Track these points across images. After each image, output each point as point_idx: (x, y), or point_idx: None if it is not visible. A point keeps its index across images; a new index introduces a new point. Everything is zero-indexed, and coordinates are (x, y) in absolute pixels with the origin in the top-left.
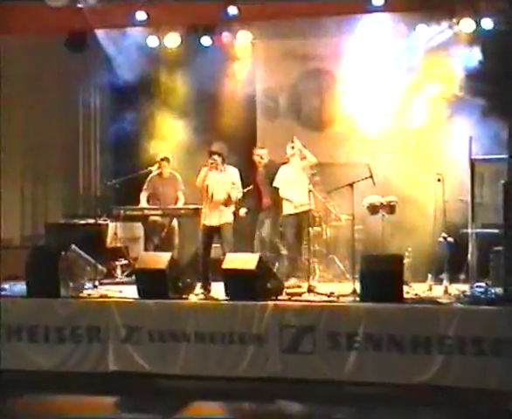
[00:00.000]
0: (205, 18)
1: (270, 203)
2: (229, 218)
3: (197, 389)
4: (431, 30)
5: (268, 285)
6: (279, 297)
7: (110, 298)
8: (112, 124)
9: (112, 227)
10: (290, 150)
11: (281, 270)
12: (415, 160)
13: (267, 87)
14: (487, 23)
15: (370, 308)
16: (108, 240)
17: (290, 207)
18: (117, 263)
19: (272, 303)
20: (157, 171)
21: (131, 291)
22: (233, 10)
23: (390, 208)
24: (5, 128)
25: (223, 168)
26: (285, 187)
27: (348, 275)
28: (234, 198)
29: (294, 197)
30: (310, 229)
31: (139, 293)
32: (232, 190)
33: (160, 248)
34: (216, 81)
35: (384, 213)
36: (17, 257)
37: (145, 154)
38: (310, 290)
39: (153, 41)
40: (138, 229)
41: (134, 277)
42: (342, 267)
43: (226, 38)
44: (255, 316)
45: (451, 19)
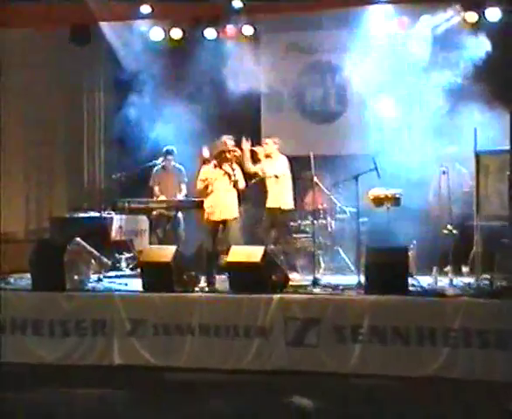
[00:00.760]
0: (209, 11)
1: None
2: (235, 213)
3: (202, 382)
4: (434, 19)
5: (273, 278)
6: (284, 289)
7: (115, 291)
8: (116, 117)
9: (116, 220)
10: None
11: None
12: (420, 151)
13: (272, 80)
14: (492, 12)
15: (375, 301)
16: (113, 233)
17: None
18: (122, 256)
19: (277, 296)
20: (162, 164)
21: (136, 284)
22: (238, 3)
23: (395, 200)
24: (9, 122)
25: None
26: None
27: (353, 267)
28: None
29: None
30: (315, 221)
31: (144, 286)
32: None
33: (165, 241)
34: (220, 74)
35: (389, 205)
36: (22, 250)
37: (150, 147)
38: (315, 282)
39: (157, 34)
40: (143, 222)
41: (138, 270)
42: (347, 259)
43: (230, 31)
44: (260, 309)
45: (454, 9)
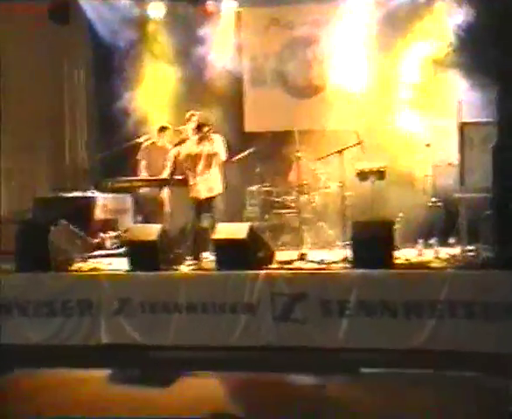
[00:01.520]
0: None
1: None
2: (219, 189)
3: (190, 360)
4: None
5: (259, 254)
6: (270, 265)
7: (101, 270)
8: (97, 96)
9: (100, 199)
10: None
11: None
12: (404, 124)
13: (253, 55)
14: None
15: (362, 275)
16: (97, 212)
17: None
18: (106, 235)
19: (263, 272)
20: (152, 140)
21: (121, 263)
22: None
23: (379, 174)
24: None
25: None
26: None
27: (338, 242)
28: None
29: None
30: (301, 196)
31: (130, 265)
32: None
33: (149, 219)
34: (201, 50)
35: (374, 179)
36: (4, 231)
37: (131, 125)
38: (301, 258)
39: (137, 10)
40: (127, 200)
41: (124, 249)
42: (333, 234)
43: (211, 6)
44: (246, 285)
45: None
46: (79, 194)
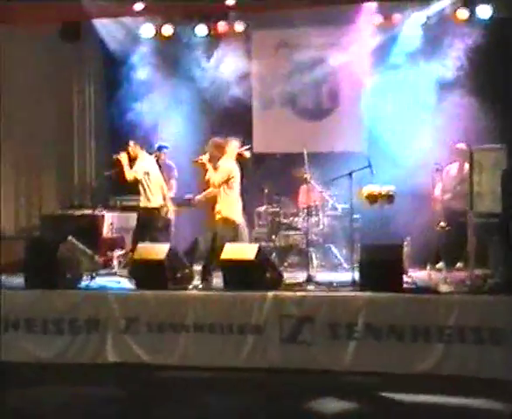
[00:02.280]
0: (201, 8)
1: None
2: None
3: (197, 380)
4: (425, 14)
5: (267, 275)
6: (277, 287)
7: (108, 289)
8: (107, 113)
9: (107, 217)
10: None
11: None
12: (413, 148)
13: (262, 77)
14: (483, 10)
15: (370, 298)
16: (105, 231)
17: None
18: (114, 253)
19: (271, 293)
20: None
21: (129, 282)
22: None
23: (388, 197)
24: None
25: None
26: None
27: (346, 264)
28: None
29: None
30: (309, 218)
31: (137, 284)
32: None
33: (156, 238)
34: (211, 71)
35: (383, 202)
36: (12, 248)
37: (141, 143)
38: (309, 279)
39: (148, 31)
40: (133, 219)
41: (132, 267)
42: (340, 257)
43: (222, 27)
44: (254, 306)
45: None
46: (87, 211)
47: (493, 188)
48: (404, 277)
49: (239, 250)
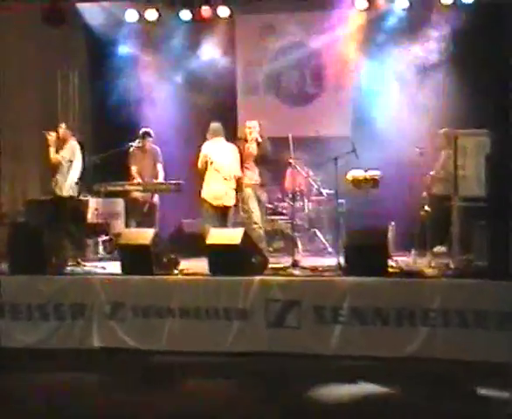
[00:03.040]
0: None
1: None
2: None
3: (183, 365)
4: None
5: (253, 260)
6: (263, 272)
7: (94, 274)
8: (91, 98)
9: (92, 203)
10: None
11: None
12: (398, 132)
13: (247, 62)
14: None
15: (355, 282)
16: (89, 216)
17: None
18: (99, 239)
19: (257, 278)
20: (138, 145)
21: (114, 267)
22: None
23: (373, 182)
24: None
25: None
26: None
27: (330, 249)
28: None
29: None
30: (292, 203)
31: (122, 269)
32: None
33: (141, 223)
34: (195, 56)
35: (368, 187)
36: None
37: (125, 129)
38: (295, 264)
39: (132, 15)
40: (119, 204)
41: (116, 253)
42: (325, 241)
43: (206, 12)
44: (240, 291)
45: None
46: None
47: (477, 172)
48: (388, 261)
49: (225, 234)
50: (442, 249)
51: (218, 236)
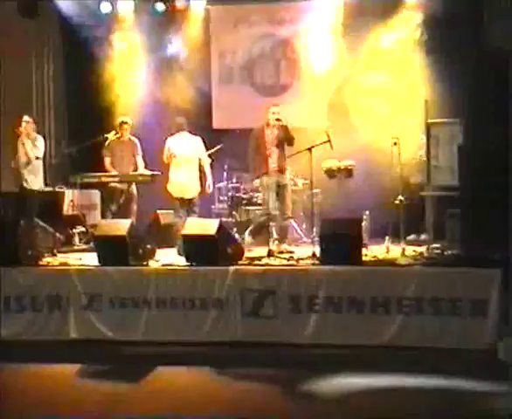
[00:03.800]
0: None
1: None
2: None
3: (159, 355)
4: None
5: (228, 250)
6: (239, 261)
7: (70, 265)
8: (67, 90)
9: (68, 194)
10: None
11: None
12: (372, 121)
13: (221, 53)
14: None
15: (330, 271)
16: (65, 208)
17: None
18: (74, 230)
19: (233, 267)
20: (116, 135)
21: (90, 258)
22: None
23: (347, 171)
24: None
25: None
26: None
27: (305, 238)
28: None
29: None
30: None
31: (99, 260)
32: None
33: (118, 215)
34: (170, 46)
35: (342, 176)
36: None
37: (101, 120)
38: (270, 254)
39: (106, 6)
40: (95, 196)
41: (92, 244)
42: (300, 231)
43: (180, 4)
44: (216, 281)
45: None
46: (47, 189)
47: (449, 161)
48: (363, 250)
49: (201, 225)
50: (416, 237)
51: (194, 226)
